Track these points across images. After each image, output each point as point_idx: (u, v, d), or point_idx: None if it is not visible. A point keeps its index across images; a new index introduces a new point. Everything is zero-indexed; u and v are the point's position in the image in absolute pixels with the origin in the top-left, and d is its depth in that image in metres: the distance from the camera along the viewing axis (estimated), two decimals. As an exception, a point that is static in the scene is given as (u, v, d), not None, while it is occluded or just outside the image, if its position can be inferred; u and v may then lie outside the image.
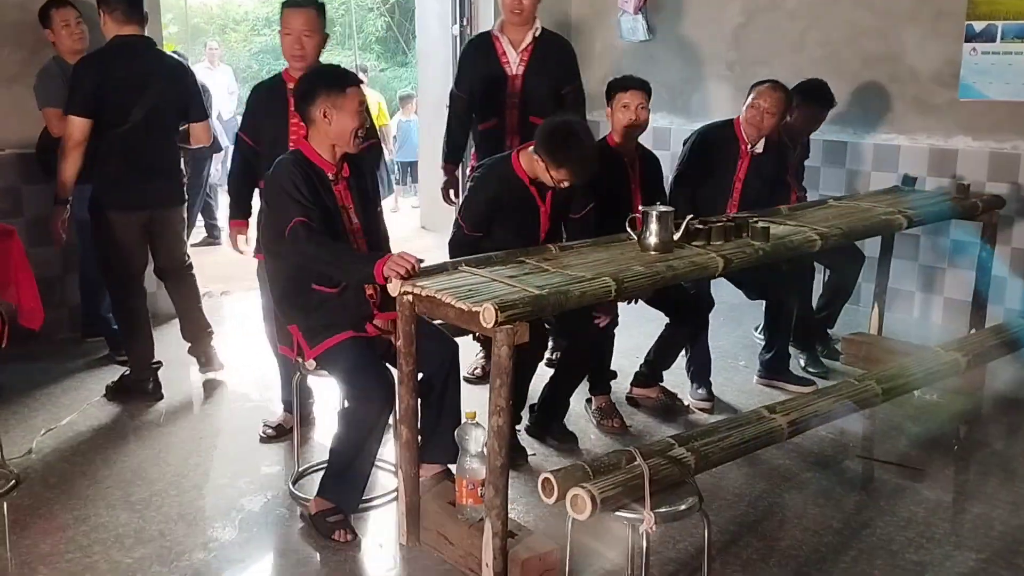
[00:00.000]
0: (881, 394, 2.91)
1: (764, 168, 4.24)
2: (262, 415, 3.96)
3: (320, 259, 2.93)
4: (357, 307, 3.07)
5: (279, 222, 2.95)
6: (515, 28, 4.28)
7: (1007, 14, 4.86)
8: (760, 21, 5.87)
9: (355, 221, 3.10)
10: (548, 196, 3.52)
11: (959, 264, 5.09)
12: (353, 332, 3.02)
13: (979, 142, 5.05)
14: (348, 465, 2.97)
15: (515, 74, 4.28)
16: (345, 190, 3.09)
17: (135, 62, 4.00)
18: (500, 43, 4.31)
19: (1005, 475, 3.55)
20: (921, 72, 5.23)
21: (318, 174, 3.03)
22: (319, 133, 3.03)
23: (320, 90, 3.00)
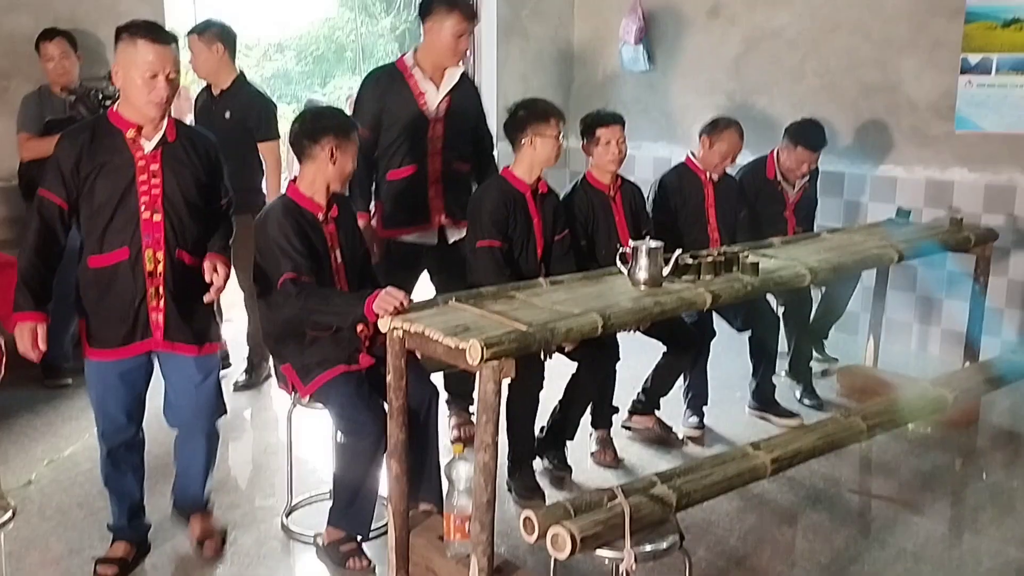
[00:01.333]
0: (866, 431, 2.93)
1: (727, 189, 4.37)
2: (260, 450, 3.99)
3: (312, 311, 2.98)
4: (349, 341, 3.11)
5: (270, 274, 3.01)
6: (442, 68, 3.87)
7: (1002, 47, 4.90)
8: (759, 51, 5.92)
9: (339, 261, 3.14)
10: (540, 207, 3.66)
11: (956, 295, 5.09)
12: (345, 367, 3.06)
13: (975, 174, 5.07)
14: (354, 495, 3.02)
15: (437, 117, 3.85)
16: (334, 231, 3.14)
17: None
18: (416, 80, 3.85)
19: (998, 510, 3.55)
20: (918, 103, 5.26)
21: (308, 219, 3.07)
22: (317, 172, 3.08)
23: (329, 130, 3.06)
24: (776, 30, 5.80)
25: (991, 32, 4.93)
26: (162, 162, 2.82)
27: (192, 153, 2.89)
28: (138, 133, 2.79)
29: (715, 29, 6.12)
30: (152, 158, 2.81)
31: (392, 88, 3.84)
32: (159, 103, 2.74)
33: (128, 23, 2.83)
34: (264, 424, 4.34)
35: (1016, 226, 4.91)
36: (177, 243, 2.86)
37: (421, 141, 3.82)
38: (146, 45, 2.71)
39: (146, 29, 2.77)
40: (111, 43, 4.84)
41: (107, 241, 2.80)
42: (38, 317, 2.76)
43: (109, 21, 4.98)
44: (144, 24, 2.82)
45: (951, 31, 5.07)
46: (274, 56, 17.71)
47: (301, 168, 3.13)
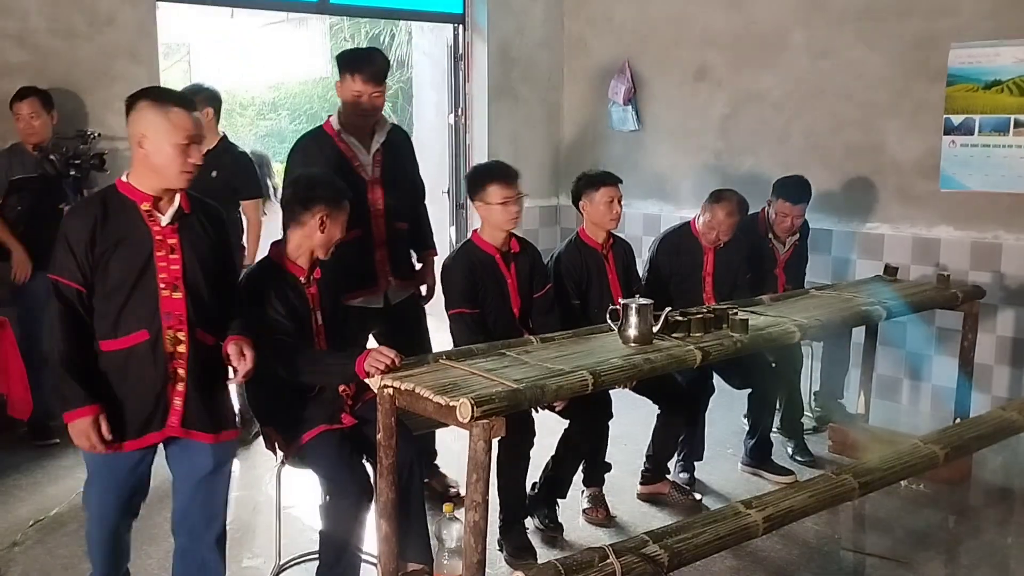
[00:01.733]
0: (858, 488, 2.92)
1: (730, 255, 4.39)
2: (248, 508, 3.95)
3: (298, 374, 2.97)
4: (331, 401, 3.11)
5: None
6: (365, 129, 3.76)
7: (983, 108, 5.00)
8: (746, 112, 6.02)
9: (320, 323, 3.14)
10: (512, 267, 3.66)
11: (945, 352, 5.12)
12: (326, 426, 3.05)
13: (961, 231, 5.13)
14: (339, 555, 2.98)
15: (373, 178, 3.75)
16: (316, 293, 3.14)
17: None
18: (345, 145, 3.73)
19: (992, 568, 3.53)
20: (903, 163, 5.35)
21: (290, 282, 3.09)
22: (304, 238, 3.09)
23: (321, 200, 3.06)
24: (761, 93, 5.91)
25: (972, 94, 5.03)
26: (180, 236, 2.64)
27: (207, 224, 2.73)
28: (153, 206, 2.61)
29: (702, 91, 6.24)
30: (169, 232, 2.62)
31: (323, 154, 3.69)
32: (191, 171, 2.59)
33: (149, 89, 2.70)
34: (252, 482, 4.30)
35: (1003, 283, 4.96)
36: (198, 322, 2.66)
37: (362, 205, 3.64)
38: (180, 113, 2.57)
39: (176, 97, 2.64)
40: (108, 104, 5.01)
41: (123, 323, 2.57)
42: (94, 410, 2.52)
43: (104, 83, 5.09)
44: (170, 91, 2.73)
45: (933, 93, 5.17)
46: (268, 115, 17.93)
47: (288, 231, 3.13)
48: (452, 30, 6.85)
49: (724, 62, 6.08)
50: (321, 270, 3.18)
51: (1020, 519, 3.96)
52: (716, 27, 6.11)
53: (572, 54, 7.03)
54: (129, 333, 2.58)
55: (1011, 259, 4.95)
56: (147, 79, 5.19)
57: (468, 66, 6.81)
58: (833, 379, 5.04)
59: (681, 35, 6.31)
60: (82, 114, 5.03)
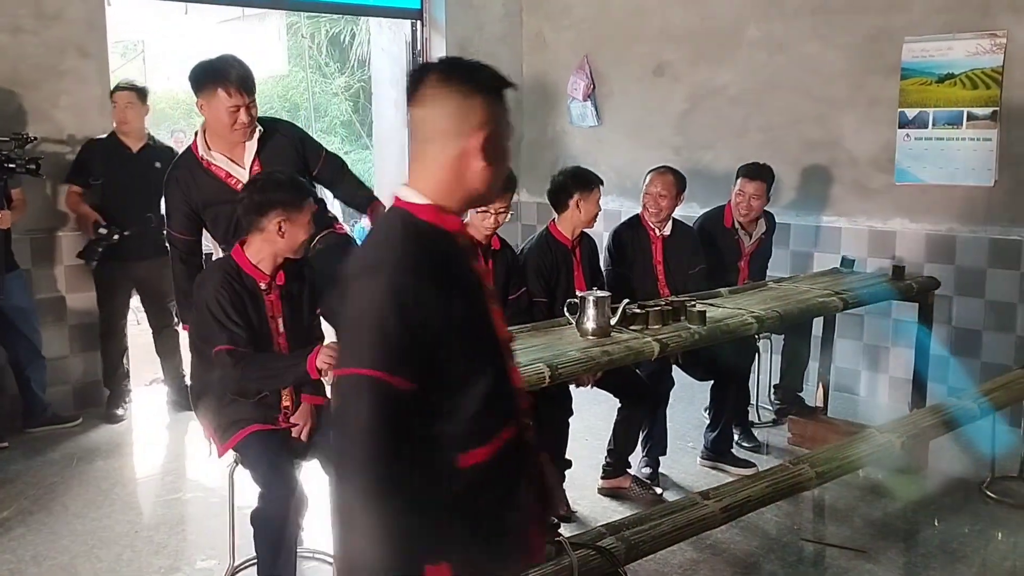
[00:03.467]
0: (815, 478, 2.93)
1: (679, 245, 4.39)
2: (201, 507, 3.88)
3: (249, 379, 2.92)
4: (270, 404, 3.05)
5: (205, 336, 2.96)
6: (235, 145, 3.39)
7: (937, 102, 5.05)
8: (704, 107, 6.04)
9: (281, 330, 3.05)
10: (491, 264, 3.62)
11: (901, 343, 5.17)
12: (259, 425, 2.99)
13: (916, 224, 5.18)
14: (272, 562, 2.90)
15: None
16: (277, 300, 3.05)
17: None
18: (216, 166, 3.39)
19: (949, 556, 3.55)
20: (859, 157, 5.38)
21: (248, 287, 2.99)
22: (264, 243, 2.98)
23: (276, 204, 2.94)
24: (719, 88, 5.93)
25: (926, 88, 5.08)
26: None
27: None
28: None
29: (661, 86, 6.24)
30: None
31: (196, 182, 3.40)
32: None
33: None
34: (206, 483, 4.22)
35: (957, 274, 5.01)
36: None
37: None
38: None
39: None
40: (55, 100, 4.91)
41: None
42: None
43: (52, 79, 4.99)
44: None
45: (888, 87, 5.21)
46: (228, 115, 17.72)
47: (249, 236, 3.02)
48: (410, 26, 6.80)
49: (682, 57, 6.09)
50: (287, 276, 3.07)
51: (975, 507, 4.00)
52: (674, 23, 6.12)
53: (531, 50, 7.02)
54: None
55: (965, 251, 5.01)
56: (97, 75, 5.11)
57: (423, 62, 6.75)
58: (793, 372, 5.06)
59: (639, 31, 6.32)
60: (27, 111, 4.91)
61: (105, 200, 4.89)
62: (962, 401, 3.79)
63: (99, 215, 4.83)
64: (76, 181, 4.95)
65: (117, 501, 4.06)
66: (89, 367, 5.19)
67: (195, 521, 3.86)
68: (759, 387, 5.01)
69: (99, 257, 4.83)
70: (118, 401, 5.11)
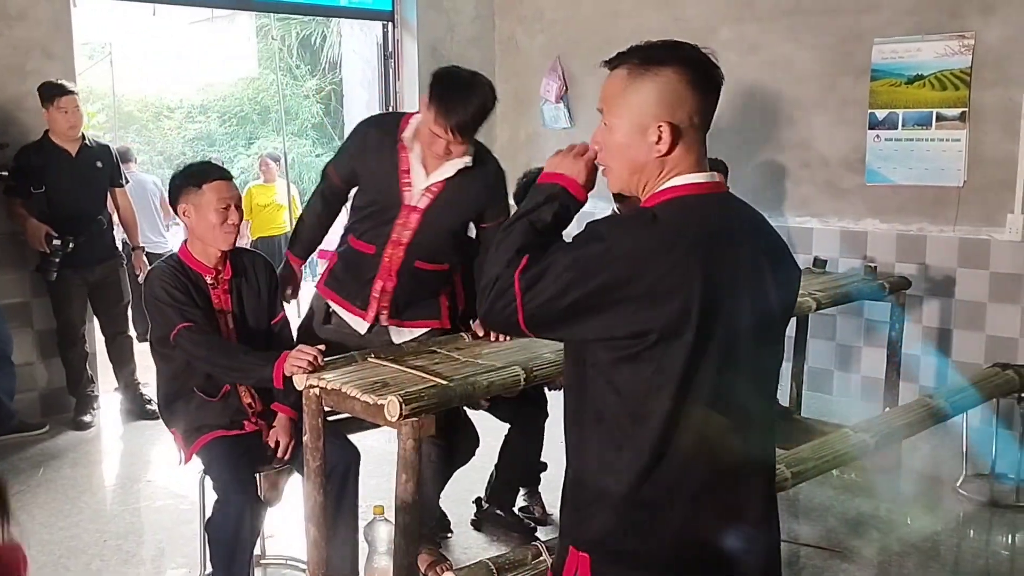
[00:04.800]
0: (791, 478, 2.93)
1: None
2: (171, 515, 3.82)
3: (213, 362, 2.86)
4: (237, 410, 3.01)
5: (161, 329, 2.90)
6: (435, 156, 3.05)
7: (907, 103, 5.08)
8: (677, 109, 6.04)
9: (231, 326, 3.01)
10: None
11: (874, 343, 5.20)
12: (223, 431, 2.95)
13: (887, 224, 5.22)
14: (227, 571, 2.84)
15: (414, 205, 3.10)
16: (224, 294, 3.00)
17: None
18: (408, 158, 3.08)
19: (923, 555, 3.57)
20: (830, 158, 5.42)
21: (193, 280, 2.95)
22: (191, 235, 2.98)
23: (179, 190, 2.94)
24: (692, 88, 5.93)
25: (896, 89, 5.12)
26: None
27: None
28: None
29: (634, 87, 6.24)
30: None
31: (381, 151, 3.12)
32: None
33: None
34: (176, 491, 4.16)
35: (928, 274, 5.05)
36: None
37: (387, 225, 3.13)
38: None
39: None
40: (19, 102, 4.82)
41: None
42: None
43: (15, 80, 4.90)
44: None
45: (858, 89, 5.25)
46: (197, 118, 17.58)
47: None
48: (382, 28, 6.76)
49: (654, 59, 6.09)
50: (234, 270, 3.02)
51: (949, 505, 4.03)
52: (647, 24, 6.12)
53: (503, 52, 7.00)
54: None
55: (935, 251, 5.05)
56: (62, 76, 5.01)
57: (399, 64, 6.73)
58: None
59: (612, 32, 6.32)
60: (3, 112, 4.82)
61: (52, 208, 4.73)
62: (934, 400, 3.80)
63: (48, 226, 4.68)
64: (17, 192, 4.75)
65: (85, 510, 3.99)
66: (55, 374, 5.10)
67: (165, 529, 3.80)
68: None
69: (57, 268, 4.71)
70: (85, 408, 5.03)
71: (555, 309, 1.56)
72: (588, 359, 1.61)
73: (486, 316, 1.65)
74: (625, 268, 1.53)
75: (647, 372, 1.54)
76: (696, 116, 1.67)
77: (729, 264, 1.59)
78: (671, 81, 1.64)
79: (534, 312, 1.57)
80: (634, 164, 1.66)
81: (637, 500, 1.57)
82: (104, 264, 4.95)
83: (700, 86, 1.67)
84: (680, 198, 1.63)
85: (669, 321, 1.52)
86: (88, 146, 4.94)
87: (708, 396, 1.56)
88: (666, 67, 1.64)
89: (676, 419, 1.55)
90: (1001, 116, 4.78)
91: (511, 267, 1.59)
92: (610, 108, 1.67)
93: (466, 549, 3.57)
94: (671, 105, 1.63)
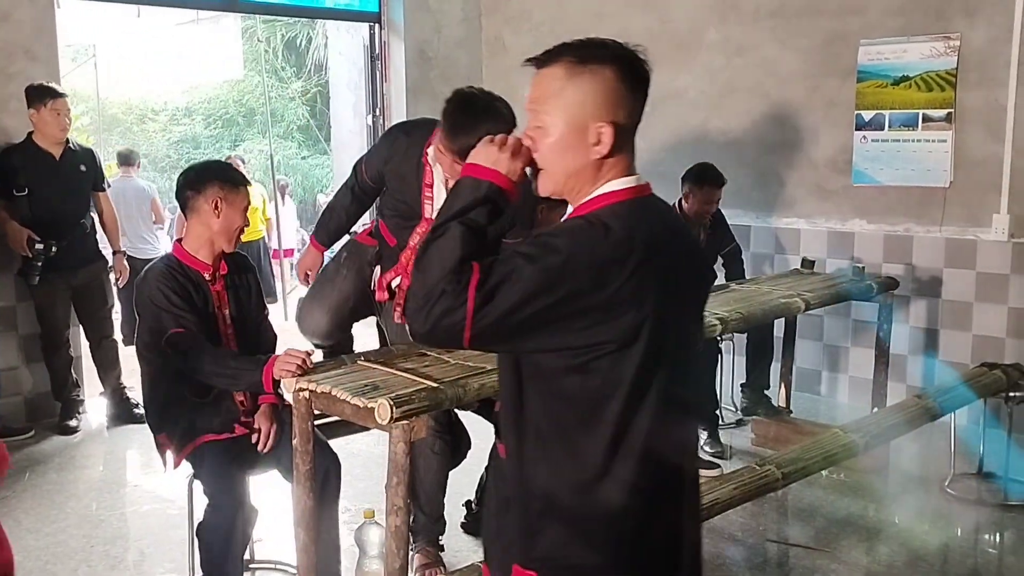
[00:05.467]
0: (781, 479, 2.93)
1: None
2: (160, 519, 3.80)
3: (202, 371, 2.83)
4: (227, 411, 2.98)
5: (152, 333, 2.87)
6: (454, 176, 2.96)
7: (893, 104, 5.11)
8: (664, 111, 6.05)
9: (228, 322, 3.00)
10: None
11: (861, 343, 5.23)
12: (213, 435, 2.93)
13: (873, 225, 5.24)
14: (219, 571, 2.83)
15: (431, 218, 3.04)
16: (223, 291, 3.00)
17: None
18: (432, 173, 3.16)
19: (911, 555, 3.58)
20: (817, 159, 5.43)
21: (192, 279, 2.93)
22: (201, 227, 2.94)
23: (215, 180, 2.92)
24: (678, 91, 5.95)
25: (882, 90, 5.14)
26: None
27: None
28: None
29: (621, 89, 6.24)
30: None
31: (408, 159, 3.20)
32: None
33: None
34: (165, 495, 4.14)
35: (915, 274, 5.08)
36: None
37: (409, 229, 3.24)
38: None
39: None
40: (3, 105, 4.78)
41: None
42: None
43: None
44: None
45: (845, 90, 5.27)
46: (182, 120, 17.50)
47: (187, 224, 3.00)
48: (368, 30, 6.74)
49: (641, 61, 6.10)
50: (229, 267, 3.03)
51: (937, 505, 4.04)
52: (633, 27, 6.13)
53: (491, 53, 6.99)
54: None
55: (922, 251, 5.07)
56: (46, 78, 4.97)
57: (386, 66, 6.71)
58: (759, 370, 5.07)
59: (598, 33, 6.18)
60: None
61: (34, 212, 4.69)
62: (921, 400, 3.82)
63: (31, 229, 4.63)
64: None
65: (71, 515, 3.95)
66: (40, 378, 5.05)
67: (153, 534, 3.77)
68: (722, 389, 5.02)
69: (40, 272, 4.67)
70: (71, 412, 4.99)
71: (510, 323, 1.47)
72: (530, 369, 1.56)
73: (429, 332, 1.51)
74: (586, 281, 1.47)
75: (597, 380, 1.50)
76: (632, 116, 1.60)
77: (672, 269, 1.56)
78: (609, 79, 1.56)
79: (485, 328, 1.47)
80: (570, 167, 1.58)
81: (590, 509, 1.53)
82: (88, 268, 4.91)
83: (634, 85, 1.60)
84: (621, 203, 1.57)
85: (626, 331, 1.48)
86: (72, 149, 4.89)
87: (658, 400, 1.53)
88: (605, 65, 1.57)
89: (628, 425, 1.52)
90: (986, 117, 4.81)
91: (460, 281, 1.47)
92: (544, 108, 1.59)
93: (456, 552, 3.55)
94: (611, 105, 1.56)
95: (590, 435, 1.52)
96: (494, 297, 1.47)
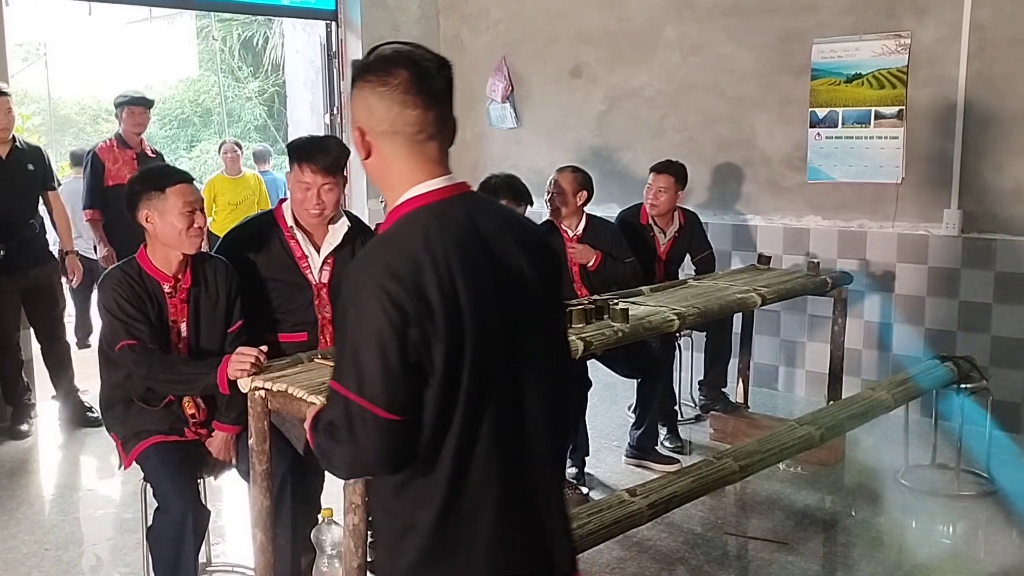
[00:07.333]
0: (739, 471, 2.96)
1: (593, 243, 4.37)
2: (114, 523, 3.73)
3: (155, 378, 2.79)
4: (176, 417, 2.94)
5: (106, 339, 2.83)
6: (315, 226, 3.10)
7: (846, 102, 5.18)
8: (621, 108, 6.09)
9: (183, 335, 2.92)
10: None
11: (818, 338, 5.29)
12: (162, 436, 2.88)
13: (828, 221, 5.31)
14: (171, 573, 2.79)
15: (320, 283, 3.11)
16: (181, 303, 2.90)
17: None
18: (295, 240, 3.09)
19: (867, 545, 3.63)
20: (772, 156, 5.49)
21: (149, 288, 2.85)
22: (150, 240, 2.87)
23: (140, 195, 2.82)
24: (636, 89, 5.98)
25: (836, 88, 5.21)
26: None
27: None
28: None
29: (578, 88, 6.27)
30: None
31: (267, 241, 3.12)
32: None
33: None
34: (119, 499, 4.07)
35: (869, 269, 5.15)
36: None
37: (306, 309, 3.13)
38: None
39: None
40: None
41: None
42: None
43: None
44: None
45: (799, 88, 5.33)
46: (136, 120, 17.22)
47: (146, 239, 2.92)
48: (325, 28, 6.69)
49: (599, 59, 6.13)
50: (193, 278, 2.91)
51: (892, 495, 4.10)
52: (590, 24, 6.16)
53: (449, 52, 6.92)
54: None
55: (875, 246, 5.15)
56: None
57: (343, 64, 6.66)
58: (717, 368, 5.11)
59: (557, 32, 6.33)
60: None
61: None
62: (876, 393, 3.88)
63: None
64: None
65: (23, 520, 3.87)
66: (-10, 382, 4.94)
67: (106, 539, 3.70)
68: (680, 384, 5.06)
69: None
70: (22, 417, 4.88)
71: (398, 377, 1.46)
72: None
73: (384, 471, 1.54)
74: (386, 323, 1.45)
75: (434, 399, 1.49)
76: (407, 124, 1.64)
77: (486, 271, 1.54)
78: (362, 89, 1.61)
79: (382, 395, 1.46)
80: (371, 177, 1.67)
81: (445, 522, 1.54)
82: (38, 269, 4.81)
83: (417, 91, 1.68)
84: (416, 211, 1.58)
85: (448, 353, 1.47)
86: (19, 148, 4.77)
87: (498, 405, 1.54)
88: (358, 77, 1.63)
89: (472, 437, 1.52)
90: (936, 114, 4.89)
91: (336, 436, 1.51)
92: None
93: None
94: (366, 113, 1.62)
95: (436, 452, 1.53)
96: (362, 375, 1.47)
